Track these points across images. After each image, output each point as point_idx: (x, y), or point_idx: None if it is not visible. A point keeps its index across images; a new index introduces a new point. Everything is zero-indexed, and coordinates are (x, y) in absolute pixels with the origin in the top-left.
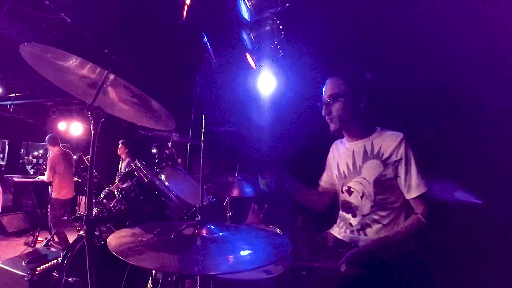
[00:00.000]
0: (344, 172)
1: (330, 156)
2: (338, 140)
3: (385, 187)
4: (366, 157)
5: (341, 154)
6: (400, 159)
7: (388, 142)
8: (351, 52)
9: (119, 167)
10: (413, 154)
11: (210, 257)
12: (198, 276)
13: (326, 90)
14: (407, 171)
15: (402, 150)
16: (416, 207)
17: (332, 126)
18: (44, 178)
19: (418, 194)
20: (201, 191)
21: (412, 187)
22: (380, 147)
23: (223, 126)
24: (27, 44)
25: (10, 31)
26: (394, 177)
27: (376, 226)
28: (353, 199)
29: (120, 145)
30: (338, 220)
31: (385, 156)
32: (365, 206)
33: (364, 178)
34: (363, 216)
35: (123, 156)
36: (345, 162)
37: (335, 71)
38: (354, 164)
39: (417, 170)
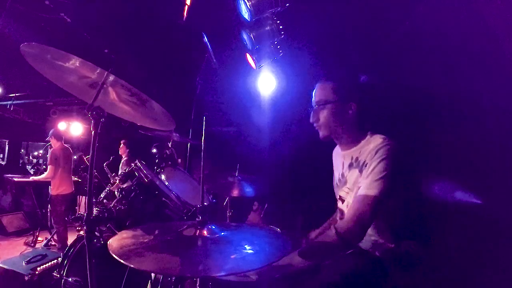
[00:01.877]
0: (337, 181)
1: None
2: (337, 147)
3: None
4: (351, 167)
5: (335, 163)
6: (370, 159)
7: (369, 148)
8: (351, 52)
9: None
10: (385, 155)
11: (212, 258)
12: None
13: (315, 96)
14: (367, 168)
15: (375, 150)
16: (349, 208)
17: (320, 134)
18: (44, 176)
19: (360, 193)
20: (202, 191)
21: (362, 184)
22: (364, 155)
23: (223, 126)
24: (28, 44)
25: (10, 31)
26: None
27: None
28: (344, 207)
29: (121, 145)
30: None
31: (362, 162)
32: None
33: (349, 188)
34: None
35: (124, 156)
36: (337, 171)
37: (323, 76)
38: (342, 173)
39: (373, 170)
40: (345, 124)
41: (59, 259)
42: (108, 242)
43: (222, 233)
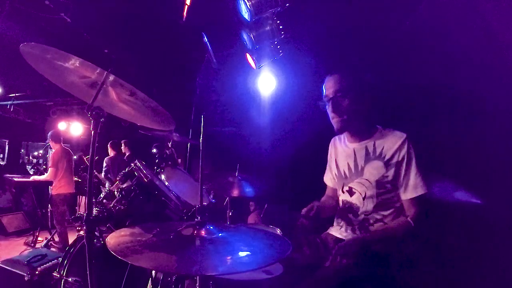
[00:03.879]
0: (344, 172)
1: (328, 156)
2: (337, 137)
3: (387, 188)
4: (368, 158)
5: (341, 153)
6: (402, 159)
7: (390, 142)
8: (351, 52)
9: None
10: (414, 155)
11: (208, 258)
12: (197, 276)
13: (330, 86)
14: (406, 172)
15: (404, 150)
16: (408, 209)
17: (338, 125)
18: (44, 176)
19: (414, 195)
20: (200, 191)
21: (409, 188)
22: (383, 148)
23: (223, 126)
24: (27, 44)
25: (10, 31)
26: (395, 178)
27: (378, 224)
28: (355, 200)
29: (109, 149)
30: (338, 220)
31: (388, 157)
32: (367, 206)
33: (367, 180)
34: (366, 215)
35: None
36: (345, 162)
37: (337, 69)
38: (356, 164)
39: (416, 171)
40: (362, 114)
41: (59, 259)
42: (106, 239)
43: (220, 234)
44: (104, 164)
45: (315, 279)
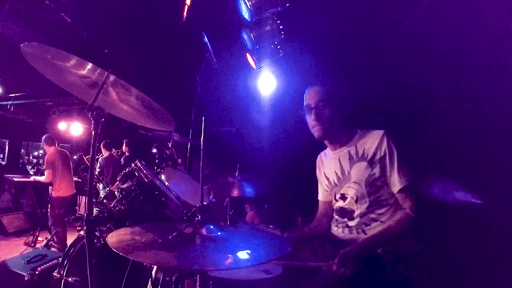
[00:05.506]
0: (334, 181)
1: (317, 171)
2: (322, 153)
3: (377, 186)
4: (352, 161)
5: (327, 165)
6: (384, 154)
7: (370, 141)
8: (350, 52)
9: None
10: (395, 148)
11: (209, 255)
12: (197, 276)
13: (312, 97)
14: (391, 165)
15: (384, 145)
16: (403, 201)
17: (320, 133)
18: (42, 178)
19: (401, 187)
20: (201, 191)
21: (395, 180)
22: (364, 149)
23: (223, 126)
24: (28, 44)
25: (10, 31)
26: (383, 174)
27: (374, 224)
28: (348, 204)
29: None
30: (335, 223)
31: (370, 155)
32: (361, 208)
33: (355, 182)
34: (361, 217)
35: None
36: (333, 171)
37: (316, 82)
38: (342, 170)
39: (398, 164)
40: (342, 122)
41: (59, 259)
42: (106, 238)
43: (219, 233)
44: (98, 165)
45: (315, 280)
